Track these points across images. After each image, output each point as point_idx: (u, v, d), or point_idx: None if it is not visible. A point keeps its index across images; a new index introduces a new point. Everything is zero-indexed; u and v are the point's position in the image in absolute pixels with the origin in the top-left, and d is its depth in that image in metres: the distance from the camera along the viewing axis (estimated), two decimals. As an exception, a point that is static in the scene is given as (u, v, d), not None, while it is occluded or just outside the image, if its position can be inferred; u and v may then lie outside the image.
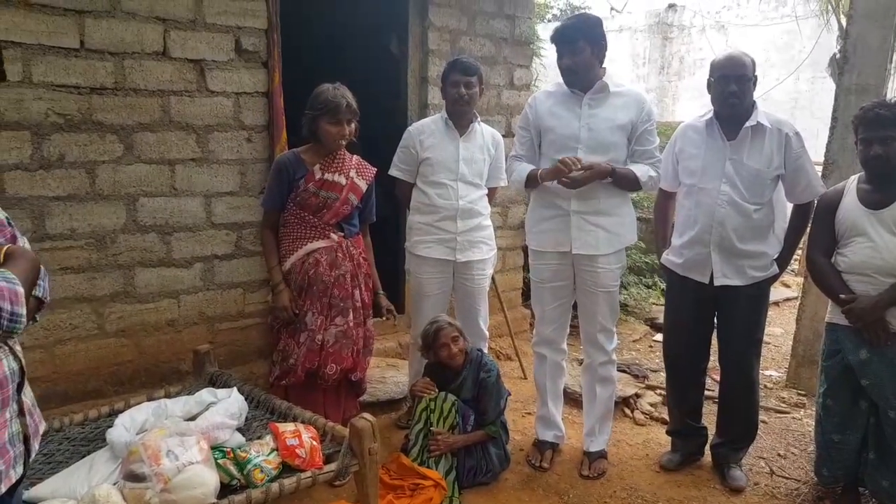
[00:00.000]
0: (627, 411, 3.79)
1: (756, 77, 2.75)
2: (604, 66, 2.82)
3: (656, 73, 13.88)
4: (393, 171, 3.33)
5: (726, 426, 3.12)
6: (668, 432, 3.31)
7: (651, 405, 3.84)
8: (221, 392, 2.47)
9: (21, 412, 1.32)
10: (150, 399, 2.59)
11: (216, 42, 3.23)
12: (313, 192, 2.70)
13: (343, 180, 2.74)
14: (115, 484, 1.94)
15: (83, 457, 2.23)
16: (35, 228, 2.86)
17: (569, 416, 3.60)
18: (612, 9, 13.25)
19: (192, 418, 2.32)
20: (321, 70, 4.66)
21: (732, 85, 2.69)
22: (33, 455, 1.36)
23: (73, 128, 2.91)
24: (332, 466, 2.21)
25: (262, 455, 2.14)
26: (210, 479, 1.98)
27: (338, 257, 2.72)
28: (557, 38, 2.78)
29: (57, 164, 2.90)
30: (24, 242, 1.44)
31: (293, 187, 2.70)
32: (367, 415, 2.24)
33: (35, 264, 1.33)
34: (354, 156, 2.85)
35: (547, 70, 5.45)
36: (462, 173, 3.20)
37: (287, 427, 2.27)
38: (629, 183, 2.86)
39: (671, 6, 13.59)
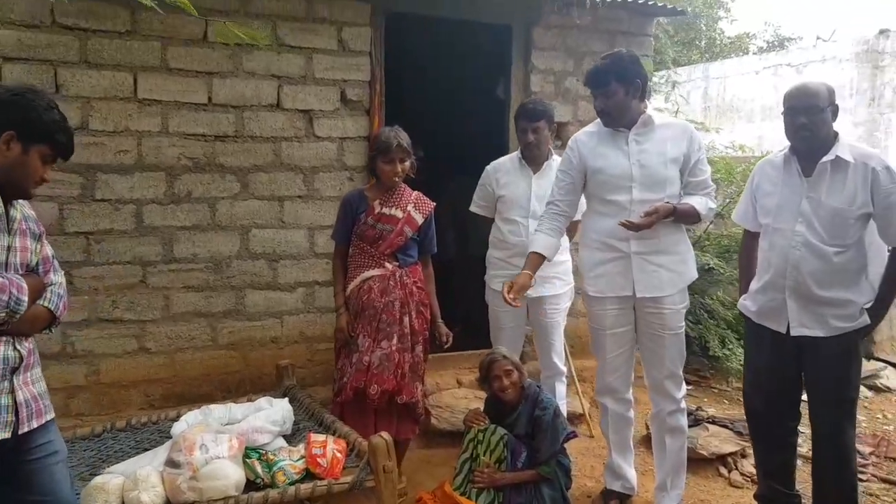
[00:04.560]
0: (723, 470, 3.47)
1: (836, 107, 2.49)
2: (645, 101, 2.74)
3: (865, 105, 12.33)
4: (472, 208, 3.50)
5: (818, 497, 2.76)
6: (754, 496, 2.99)
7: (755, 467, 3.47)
8: (276, 401, 2.76)
9: (12, 391, 1.66)
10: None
11: (323, 94, 3.67)
12: (371, 224, 2.93)
13: (400, 213, 2.95)
14: (161, 470, 2.28)
15: (163, 445, 2.63)
16: (164, 253, 3.45)
17: (651, 468, 3.39)
18: (817, 38, 12.24)
19: (247, 422, 2.62)
20: (430, 113, 4.96)
21: (801, 117, 2.48)
22: (24, 430, 1.68)
23: (199, 169, 3.48)
24: (349, 479, 2.36)
25: (289, 460, 2.37)
26: (233, 474, 2.24)
27: (389, 285, 2.91)
28: (589, 81, 2.75)
29: (185, 199, 3.47)
30: (58, 277, 1.85)
31: (356, 221, 2.96)
32: (384, 433, 2.37)
33: (39, 284, 1.75)
34: (415, 191, 3.05)
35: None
36: (534, 210, 3.25)
37: (318, 437, 2.47)
38: (690, 218, 2.76)
39: (882, 32, 12.10)
